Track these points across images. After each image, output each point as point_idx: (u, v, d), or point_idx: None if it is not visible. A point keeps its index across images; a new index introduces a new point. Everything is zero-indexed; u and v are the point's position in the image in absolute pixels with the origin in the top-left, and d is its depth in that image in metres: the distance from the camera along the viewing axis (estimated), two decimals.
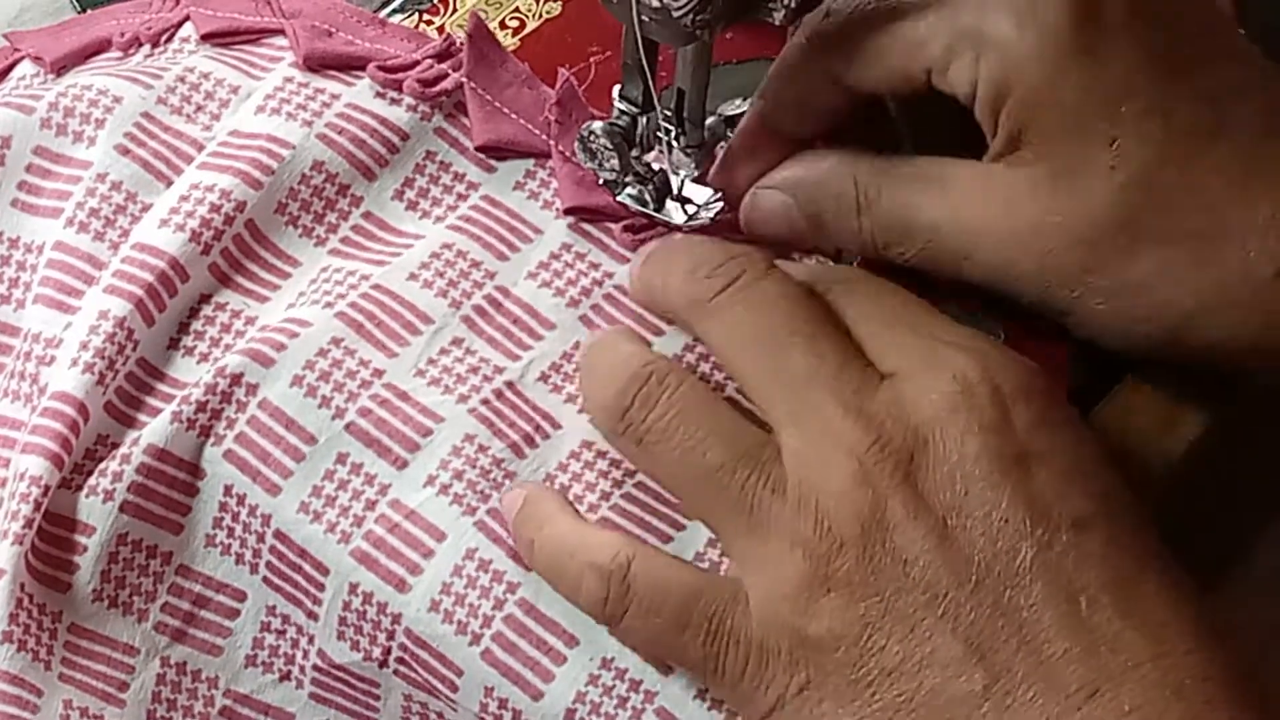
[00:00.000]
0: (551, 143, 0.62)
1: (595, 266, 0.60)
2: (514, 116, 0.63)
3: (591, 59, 0.65)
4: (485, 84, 0.63)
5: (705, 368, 0.58)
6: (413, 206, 0.61)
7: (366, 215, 0.61)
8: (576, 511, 0.54)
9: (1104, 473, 0.50)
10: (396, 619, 0.54)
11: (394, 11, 0.68)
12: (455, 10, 0.68)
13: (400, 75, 0.63)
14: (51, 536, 0.56)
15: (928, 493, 0.49)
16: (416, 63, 0.63)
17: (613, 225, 0.61)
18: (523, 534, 0.53)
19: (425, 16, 0.67)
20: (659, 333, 0.59)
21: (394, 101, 0.63)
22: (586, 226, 0.61)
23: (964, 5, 0.54)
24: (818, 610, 0.49)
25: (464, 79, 0.63)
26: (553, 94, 0.63)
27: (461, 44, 0.63)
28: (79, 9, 0.70)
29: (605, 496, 0.55)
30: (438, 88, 0.63)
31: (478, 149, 0.62)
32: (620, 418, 0.53)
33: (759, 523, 0.50)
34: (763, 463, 0.51)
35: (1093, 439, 0.51)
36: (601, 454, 0.56)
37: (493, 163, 0.63)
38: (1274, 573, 0.56)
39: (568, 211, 0.61)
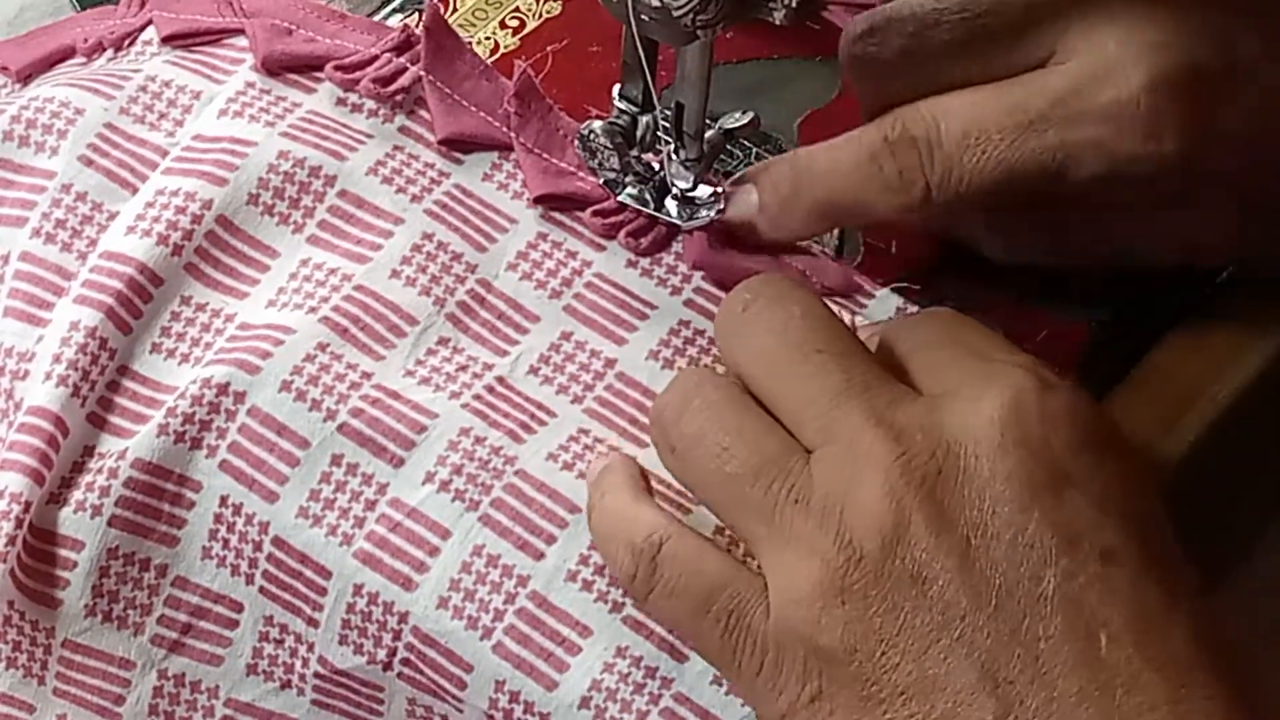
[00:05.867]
0: (512, 135, 0.62)
1: (573, 255, 0.61)
2: (473, 109, 0.63)
3: (591, 59, 0.66)
4: (443, 77, 0.63)
5: None
6: (388, 181, 0.61)
7: (342, 194, 0.60)
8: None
9: (1140, 502, 0.49)
10: (404, 618, 0.54)
11: (394, 11, 0.67)
12: (456, 10, 0.68)
13: (357, 74, 0.63)
14: (40, 553, 0.56)
15: (953, 510, 0.48)
16: (374, 58, 0.63)
17: (582, 213, 0.61)
18: (590, 499, 0.54)
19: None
20: (634, 329, 0.59)
21: (354, 109, 0.63)
22: (558, 215, 0.62)
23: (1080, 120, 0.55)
24: (831, 621, 0.48)
25: (422, 73, 0.63)
26: (510, 85, 0.63)
27: (419, 35, 0.63)
28: (79, 9, 0.69)
29: None
30: (395, 85, 0.62)
31: (440, 142, 0.62)
32: (659, 426, 0.53)
33: (779, 531, 0.49)
34: (788, 471, 0.50)
35: (1135, 467, 0.50)
36: (599, 440, 0.56)
37: (458, 155, 0.62)
38: (1274, 573, 0.57)
39: (538, 200, 0.61)
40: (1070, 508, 0.48)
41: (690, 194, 0.61)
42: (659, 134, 0.60)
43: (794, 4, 0.55)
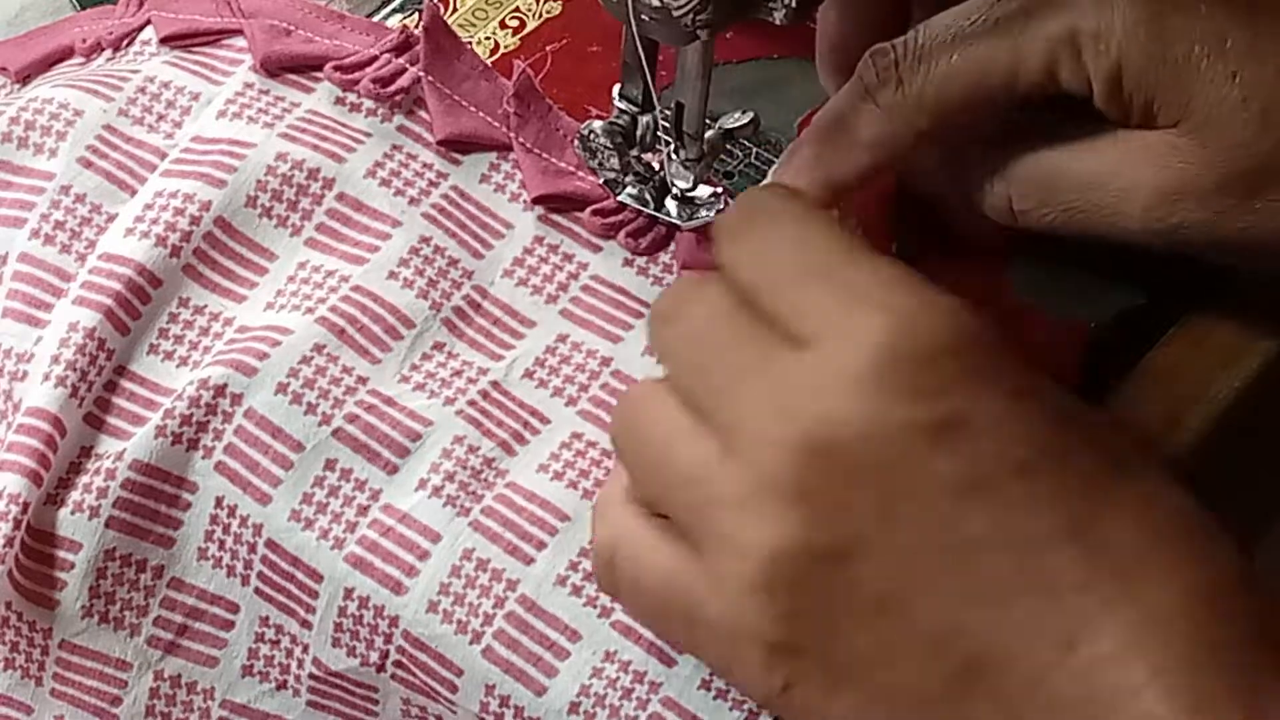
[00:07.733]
0: (512, 135, 0.62)
1: (569, 259, 0.61)
2: (473, 109, 0.63)
3: (591, 59, 0.66)
4: (443, 77, 0.63)
5: None
6: (386, 184, 0.61)
7: (341, 197, 0.60)
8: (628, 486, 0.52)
9: (1046, 416, 0.48)
10: (394, 622, 0.54)
11: (393, 11, 0.67)
12: (455, 10, 0.68)
13: (357, 75, 0.63)
14: (38, 553, 0.56)
15: (858, 481, 0.46)
16: (374, 59, 0.63)
17: (580, 213, 0.61)
18: None
19: None
20: (630, 327, 0.59)
21: (353, 108, 0.63)
22: (555, 217, 0.62)
23: (1045, 12, 0.55)
24: (777, 628, 0.47)
25: (421, 73, 0.63)
26: (510, 86, 0.62)
27: (418, 36, 0.63)
28: (78, 8, 0.69)
29: (598, 485, 0.55)
30: (394, 86, 0.62)
31: (439, 143, 0.62)
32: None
33: (708, 550, 0.48)
34: (710, 470, 0.48)
35: (1032, 385, 0.48)
36: (592, 444, 0.56)
37: (457, 155, 0.62)
38: (1274, 573, 0.56)
39: (536, 200, 0.61)
40: (968, 438, 0.46)
41: (690, 194, 0.61)
42: (659, 134, 0.59)
43: (794, 4, 0.54)
